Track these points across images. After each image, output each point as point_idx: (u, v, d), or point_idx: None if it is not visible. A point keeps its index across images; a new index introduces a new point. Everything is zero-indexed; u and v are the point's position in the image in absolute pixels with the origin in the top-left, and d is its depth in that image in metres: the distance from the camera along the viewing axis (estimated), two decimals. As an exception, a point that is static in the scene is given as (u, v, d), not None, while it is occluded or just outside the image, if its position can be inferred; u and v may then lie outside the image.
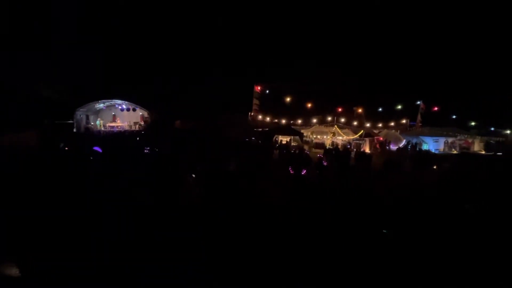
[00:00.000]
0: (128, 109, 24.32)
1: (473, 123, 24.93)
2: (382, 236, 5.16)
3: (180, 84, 34.51)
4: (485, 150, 21.76)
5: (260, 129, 23.90)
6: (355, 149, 20.10)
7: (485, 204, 6.32)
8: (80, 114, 22.71)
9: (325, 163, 12.50)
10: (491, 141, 22.39)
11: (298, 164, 12.55)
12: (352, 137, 22.31)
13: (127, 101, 23.90)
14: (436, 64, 39.69)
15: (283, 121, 26.36)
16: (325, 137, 23.08)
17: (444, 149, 22.02)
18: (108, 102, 24.26)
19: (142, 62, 34.66)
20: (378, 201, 6.89)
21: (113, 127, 23.97)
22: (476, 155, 20.57)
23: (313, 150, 20.87)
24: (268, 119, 26.54)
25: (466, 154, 19.75)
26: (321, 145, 21.80)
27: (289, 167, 11.99)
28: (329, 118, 25.67)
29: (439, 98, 27.56)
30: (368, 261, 4.42)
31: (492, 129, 24.13)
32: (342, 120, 25.43)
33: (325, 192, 8.21)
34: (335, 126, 23.22)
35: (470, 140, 22.45)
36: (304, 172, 11.37)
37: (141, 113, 25.06)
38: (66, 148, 11.78)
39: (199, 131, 19.79)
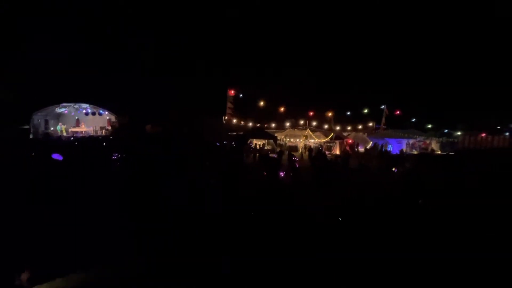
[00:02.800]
0: (93, 113, 22.88)
1: (429, 126, 27.22)
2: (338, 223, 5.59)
3: (151, 87, 33.34)
4: (440, 149, 23.85)
5: (235, 133, 23.86)
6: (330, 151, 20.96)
7: (438, 198, 6.97)
8: (38, 118, 20.88)
9: (297, 165, 12.83)
10: (445, 141, 24.62)
11: (273, 168, 12.81)
12: (323, 140, 23.17)
13: (92, 104, 22.49)
14: (397, 72, 43.03)
15: (258, 125, 26.60)
16: (298, 140, 23.69)
17: (406, 149, 23.73)
18: (71, 106, 22.62)
19: (109, 63, 32.96)
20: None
21: (76, 132, 22.34)
22: (433, 154, 22.46)
23: (287, 153, 21.34)
24: (242, 122, 26.61)
25: (424, 154, 21.49)
26: (294, 148, 22.36)
27: (264, 171, 12.21)
28: (302, 122, 26.45)
29: (400, 103, 29.72)
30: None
31: (446, 131, 26.57)
32: (314, 123, 26.33)
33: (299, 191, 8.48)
34: (307, 129, 23.96)
35: (427, 141, 24.47)
36: (281, 174, 11.65)
37: (108, 118, 23.71)
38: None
39: (174, 135, 19.21)
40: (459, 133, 25.43)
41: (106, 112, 23.23)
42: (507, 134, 25.17)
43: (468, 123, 27.23)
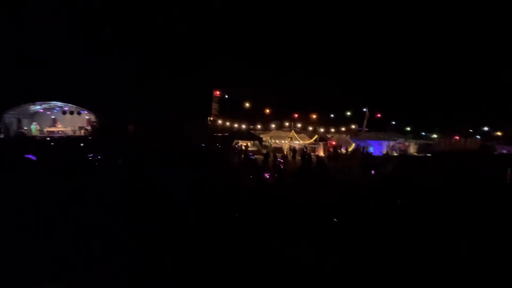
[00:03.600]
0: (71, 112, 21.92)
1: (408, 128, 28.34)
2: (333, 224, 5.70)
3: (134, 85, 32.42)
4: (418, 151, 24.90)
5: (220, 134, 23.71)
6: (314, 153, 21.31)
7: (415, 198, 7.29)
8: (10, 117, 19.70)
9: (282, 166, 12.94)
10: (423, 143, 25.74)
11: (259, 169, 12.87)
12: (308, 141, 23.54)
13: (70, 103, 21.53)
14: (378, 76, 44.65)
15: (243, 126, 26.56)
16: (283, 141, 23.90)
17: (386, 151, 24.58)
18: (46, 104, 21.54)
19: (89, 61, 31.72)
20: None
21: (52, 132, 21.28)
22: (412, 156, 23.43)
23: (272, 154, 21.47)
24: (228, 123, 26.47)
25: (404, 156, 22.37)
26: (279, 150, 22.54)
27: (250, 172, 12.24)
28: (287, 124, 26.71)
29: (381, 106, 30.75)
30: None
31: (423, 133, 27.77)
32: (299, 125, 26.67)
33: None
34: (292, 131, 24.24)
35: (407, 143, 25.49)
36: (266, 175, 11.74)
37: (87, 117, 22.80)
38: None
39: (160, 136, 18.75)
40: (435, 135, 26.65)
41: (86, 112, 22.33)
42: (478, 137, 26.67)
43: (443, 126, 28.64)
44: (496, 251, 5.00)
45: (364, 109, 28.58)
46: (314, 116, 27.87)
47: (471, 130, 28.76)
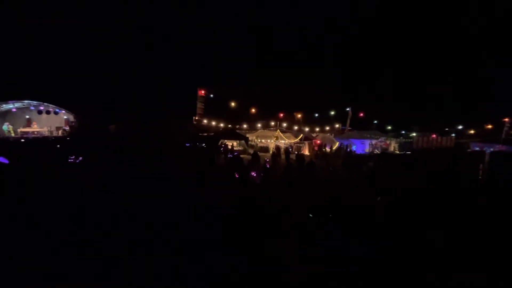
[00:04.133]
0: (48, 112, 20.88)
1: (389, 127, 29.36)
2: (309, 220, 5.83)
3: (116, 84, 31.39)
4: (398, 149, 25.85)
5: (205, 134, 23.47)
6: (296, 152, 21.55)
7: (395, 196, 7.60)
8: (-21, 117, 18.53)
9: (268, 166, 13.01)
10: (403, 142, 26.74)
11: (245, 168, 12.87)
12: (293, 140, 23.79)
13: (46, 102, 20.51)
14: (361, 76, 45.94)
15: (229, 126, 26.45)
16: (269, 141, 24.01)
17: (369, 149, 25.31)
18: (20, 103, 20.40)
19: (69, 57, 30.35)
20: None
21: (27, 133, 20.17)
22: (393, 153, 24.28)
23: (259, 153, 21.52)
24: (213, 123, 26.26)
25: (385, 153, 23.13)
26: (265, 149, 22.63)
27: (236, 172, 12.21)
28: (273, 123, 26.86)
29: (364, 105, 31.67)
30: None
31: (403, 132, 28.87)
32: (284, 124, 26.90)
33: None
34: (278, 130, 24.40)
35: (388, 142, 26.37)
36: (253, 174, 11.74)
37: (65, 117, 21.81)
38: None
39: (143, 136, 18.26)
40: (414, 134, 27.79)
41: (63, 111, 21.35)
42: (453, 135, 28.11)
43: (422, 125, 29.97)
44: (469, 246, 5.32)
45: (347, 109, 29.29)
46: (299, 116, 28.25)
47: (447, 129, 30.29)
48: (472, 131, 28.10)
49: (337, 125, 30.45)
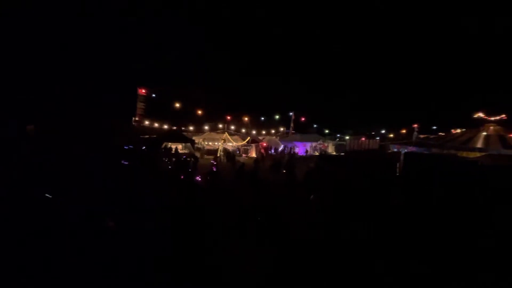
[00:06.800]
0: None
1: (327, 131, 32.30)
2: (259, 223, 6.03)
3: (39, 78, 26.69)
4: (335, 151, 28.61)
5: (147, 136, 21.86)
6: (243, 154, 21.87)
7: (327, 194, 8.41)
8: None
9: (214, 169, 12.86)
10: (338, 144, 29.73)
11: (190, 171, 12.45)
12: (240, 143, 24.07)
13: None
14: (303, 82, 49.55)
15: (173, 128, 25.23)
16: (216, 143, 23.75)
17: (310, 151, 27.33)
18: None
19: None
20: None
21: None
22: (331, 155, 26.75)
23: (205, 156, 21.07)
24: (156, 125, 24.65)
25: (324, 155, 25.32)
26: (212, 152, 22.29)
27: (181, 174, 11.79)
28: (220, 126, 26.68)
29: (305, 110, 34.14)
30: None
31: (338, 135, 32.13)
32: (232, 127, 27.01)
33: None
34: (226, 133, 24.37)
35: (326, 144, 28.93)
36: (198, 178, 11.43)
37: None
38: None
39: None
40: (347, 137, 31.18)
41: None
42: (377, 138, 32.56)
43: (353, 129, 33.95)
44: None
45: (290, 113, 31.11)
46: (247, 119, 28.78)
47: (373, 133, 34.92)
48: (391, 135, 33.00)
49: (281, 129, 32.01)
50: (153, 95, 22.56)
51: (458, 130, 29.91)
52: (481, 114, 27.15)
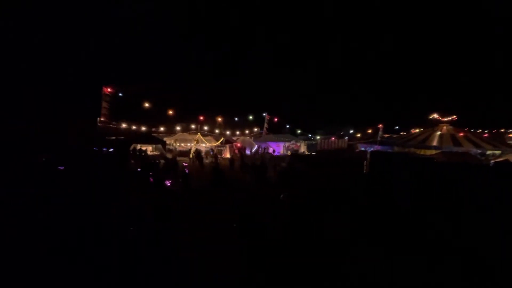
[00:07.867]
0: None
1: (299, 131, 33.17)
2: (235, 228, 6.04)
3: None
4: (307, 150, 29.46)
5: (114, 137, 20.60)
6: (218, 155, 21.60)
7: (298, 193, 8.68)
8: None
9: (187, 171, 12.57)
10: (310, 144, 30.67)
11: (160, 174, 12.06)
12: (214, 144, 23.74)
13: None
14: (276, 83, 50.43)
15: (143, 129, 24.10)
16: (189, 144, 23.18)
17: (283, 151, 27.83)
18: None
19: None
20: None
21: None
22: (302, 154, 27.48)
23: (178, 158, 20.43)
24: (124, 126, 23.33)
25: (296, 154, 25.93)
26: (185, 153, 21.72)
27: (150, 177, 11.44)
28: (193, 126, 26.06)
29: (278, 110, 34.70)
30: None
31: (310, 135, 33.17)
32: (205, 128, 26.53)
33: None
34: (199, 133, 23.88)
35: (298, 144, 29.66)
36: (168, 182, 11.10)
37: None
38: None
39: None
40: (318, 137, 32.30)
41: None
42: (346, 138, 34.17)
43: (324, 129, 35.28)
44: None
45: (264, 114, 31.41)
46: (220, 119, 28.47)
47: (342, 133, 36.60)
48: (359, 135, 34.81)
49: (255, 129, 32.20)
50: (120, 94, 21.28)
51: (417, 130, 32.35)
52: (435, 115, 29.65)
